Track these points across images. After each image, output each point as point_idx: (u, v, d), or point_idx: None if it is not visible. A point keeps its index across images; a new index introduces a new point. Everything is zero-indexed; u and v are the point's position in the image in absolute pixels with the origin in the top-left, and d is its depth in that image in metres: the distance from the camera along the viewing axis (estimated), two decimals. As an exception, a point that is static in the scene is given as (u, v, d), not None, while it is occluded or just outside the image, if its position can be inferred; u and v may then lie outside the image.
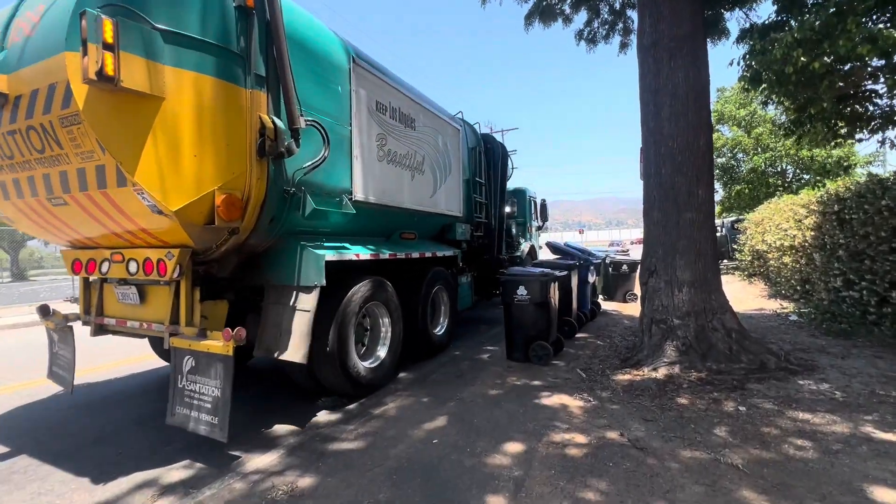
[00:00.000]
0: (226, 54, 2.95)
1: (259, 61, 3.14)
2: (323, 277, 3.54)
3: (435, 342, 5.58)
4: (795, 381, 4.02)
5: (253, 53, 3.09)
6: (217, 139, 2.90)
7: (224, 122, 2.93)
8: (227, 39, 2.95)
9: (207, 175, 2.86)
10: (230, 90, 2.96)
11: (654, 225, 4.85)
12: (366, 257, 4.22)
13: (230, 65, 2.97)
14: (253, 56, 3.09)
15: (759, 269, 11.41)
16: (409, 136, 5.18)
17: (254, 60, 3.10)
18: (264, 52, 3.19)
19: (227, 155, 2.96)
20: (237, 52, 3.01)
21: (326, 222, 4.01)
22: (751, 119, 17.04)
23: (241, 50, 3.05)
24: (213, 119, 2.87)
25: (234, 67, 2.99)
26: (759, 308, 8.08)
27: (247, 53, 3.07)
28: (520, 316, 5.20)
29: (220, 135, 2.91)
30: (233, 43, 2.99)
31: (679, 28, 4.45)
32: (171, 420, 3.10)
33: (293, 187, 3.48)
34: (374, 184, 4.52)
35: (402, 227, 5.26)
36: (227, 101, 2.95)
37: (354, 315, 4.00)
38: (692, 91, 4.50)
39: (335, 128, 3.95)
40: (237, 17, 3.02)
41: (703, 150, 4.61)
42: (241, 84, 3.03)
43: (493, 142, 8.09)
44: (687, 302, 4.60)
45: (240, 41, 3.04)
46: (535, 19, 7.07)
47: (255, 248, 3.59)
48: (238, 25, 3.03)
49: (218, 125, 2.90)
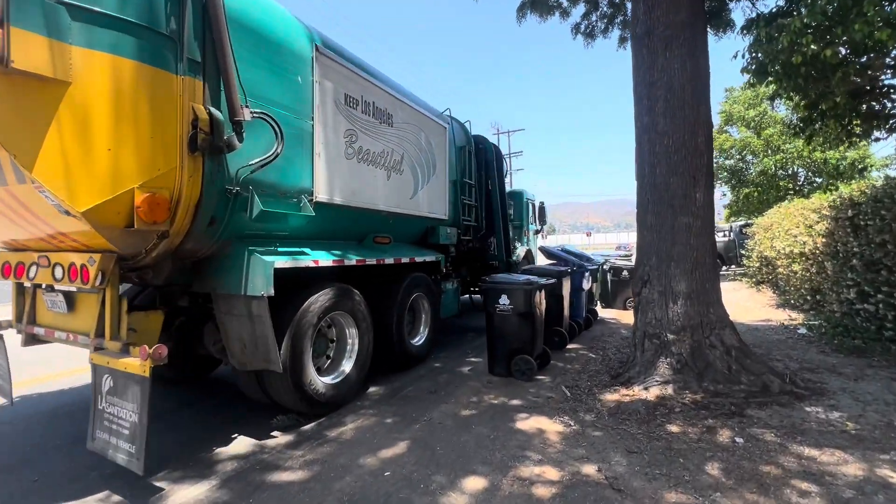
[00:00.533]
0: (152, 36, 2.62)
1: (194, 45, 2.81)
2: (271, 286, 3.20)
3: (412, 353, 5.21)
4: (802, 408, 3.59)
5: (186, 36, 2.76)
6: (138, 131, 2.57)
7: (148, 112, 2.60)
8: (153, 19, 2.62)
9: (125, 171, 2.53)
10: (156, 76, 2.63)
11: (647, 230, 4.45)
12: (327, 263, 3.87)
13: (157, 48, 2.64)
14: (186, 39, 2.76)
15: (767, 276, 10.89)
16: (385, 133, 4.83)
17: (187, 44, 2.76)
18: (201, 35, 2.85)
19: (152, 149, 2.63)
20: (166, 33, 2.68)
21: (282, 225, 3.67)
22: (760, 120, 16.45)
23: (172, 32, 2.71)
24: (133, 108, 2.54)
25: (162, 51, 2.66)
26: (765, 319, 7.60)
27: (179, 36, 2.74)
28: (502, 327, 4.82)
29: (143, 126, 2.58)
30: (161, 24, 2.66)
31: (676, 14, 4.05)
32: (92, 445, 2.77)
33: (237, 186, 3.14)
34: (341, 183, 4.17)
35: (376, 230, 4.90)
36: (153, 88, 2.62)
37: (312, 327, 3.65)
38: (689, 83, 4.10)
39: (293, 122, 3.61)
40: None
41: (702, 149, 4.20)
42: (170, 70, 2.70)
43: (486, 142, 7.72)
44: (682, 315, 4.19)
45: (170, 22, 2.71)
46: (528, 11, 6.68)
47: (196, 253, 3.26)
48: (168, 5, 2.70)
49: (140, 115, 2.57)
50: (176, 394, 4.56)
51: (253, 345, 3.30)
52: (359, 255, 4.39)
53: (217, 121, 2.82)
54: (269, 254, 3.38)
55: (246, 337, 3.33)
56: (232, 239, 3.37)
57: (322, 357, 4.13)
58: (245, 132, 3.04)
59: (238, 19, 3.11)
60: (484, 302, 4.94)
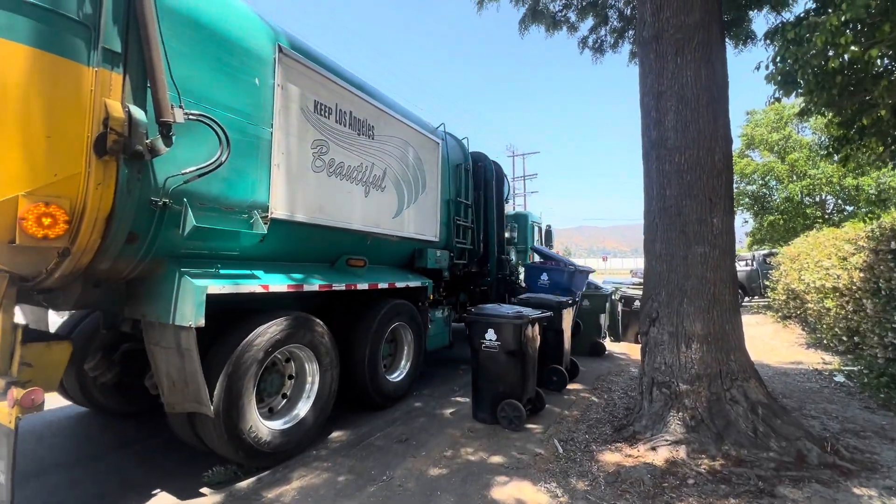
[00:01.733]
0: (56, 19, 2.23)
1: (113, 34, 2.41)
2: (201, 315, 2.72)
3: (388, 391, 4.63)
4: (848, 488, 2.88)
5: (105, 23, 2.37)
6: (29, 129, 2.15)
7: (43, 107, 2.19)
8: (58, 1, 2.24)
9: (8, 177, 2.11)
10: (58, 66, 2.23)
11: (656, 260, 3.85)
12: (280, 288, 3.38)
13: (62, 34, 2.25)
14: (104, 27, 2.37)
15: (795, 311, 10.00)
16: (363, 146, 4.39)
17: (105, 32, 2.37)
18: (124, 23, 2.46)
19: (47, 150, 2.21)
20: (78, 18, 2.30)
21: (229, 244, 3.20)
22: (785, 144, 15.67)
23: (86, 17, 2.33)
24: (23, 102, 2.14)
25: (69, 38, 2.27)
26: (795, 361, 6.79)
27: (95, 22, 2.35)
28: (488, 366, 4.23)
29: (36, 123, 2.17)
30: (69, 7, 2.27)
31: (687, 16, 3.56)
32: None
33: (166, 198, 2.70)
34: (306, 198, 3.72)
35: (350, 252, 4.42)
36: (53, 79, 2.22)
37: (256, 363, 3.14)
38: (704, 92, 3.57)
39: (246, 128, 3.20)
40: (80, -27, 2.31)
41: (720, 168, 3.63)
42: (79, 60, 2.30)
43: (485, 160, 7.26)
44: (697, 362, 3.54)
45: (83, 6, 2.32)
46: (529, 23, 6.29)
47: (118, 274, 2.81)
48: (82, -15, 2.32)
49: (32, 110, 2.16)
50: (120, 429, 4.08)
51: (182, 382, 2.81)
52: (325, 279, 3.89)
53: (136, 121, 2.40)
54: (205, 276, 2.92)
55: (174, 373, 2.84)
56: (165, 258, 2.92)
57: (276, 396, 3.61)
58: (178, 136, 2.62)
59: (177, 10, 2.73)
60: (469, 336, 4.37)
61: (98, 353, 3.57)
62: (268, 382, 3.51)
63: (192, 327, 2.70)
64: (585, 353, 7.31)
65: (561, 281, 6.62)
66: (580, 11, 7.09)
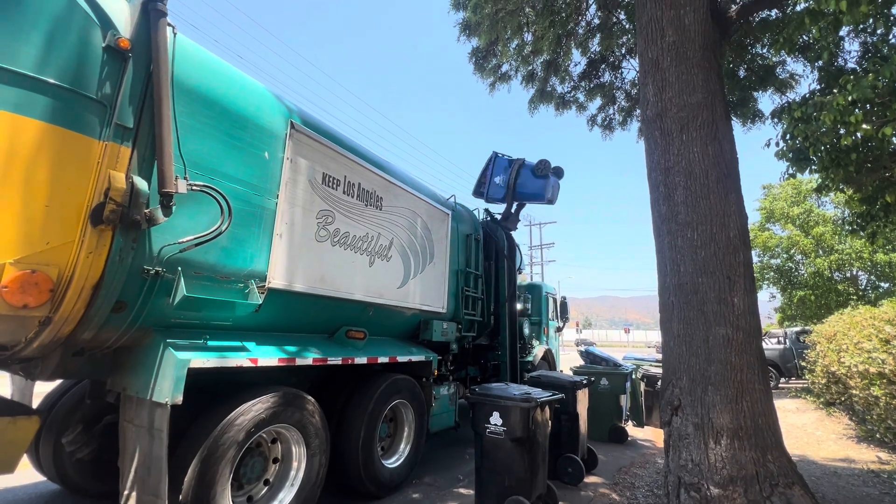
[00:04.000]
0: (72, 98, 2.35)
1: (127, 111, 2.53)
2: (180, 392, 2.57)
3: (383, 479, 4.21)
4: None
5: (121, 102, 2.50)
6: (30, 198, 2.19)
7: (47, 178, 2.24)
8: (79, 82, 2.38)
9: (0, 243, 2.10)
10: (68, 139, 2.32)
11: (674, 340, 3.57)
12: (269, 363, 3.21)
13: (77, 110, 2.37)
14: (120, 105, 2.50)
15: (838, 396, 9.11)
16: (370, 216, 4.42)
17: (119, 110, 2.50)
18: (139, 102, 2.60)
19: (44, 219, 2.22)
20: (94, 97, 2.43)
21: (223, 314, 3.11)
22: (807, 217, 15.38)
23: (104, 97, 2.46)
24: (27, 172, 2.19)
25: (82, 114, 2.38)
26: (845, 458, 6.02)
27: (112, 101, 2.49)
28: (493, 455, 3.83)
29: (38, 193, 2.21)
30: (89, 87, 2.41)
31: (690, 96, 3.61)
32: None
33: (160, 266, 2.67)
34: (307, 268, 3.67)
35: (351, 323, 4.27)
36: (63, 152, 2.30)
37: (235, 446, 2.89)
38: (713, 169, 3.50)
39: (251, 198, 3.24)
40: (105, 59, 2.48)
41: (736, 244, 3.45)
42: (91, 134, 2.40)
43: (497, 230, 7.24)
44: (729, 461, 3.12)
45: (103, 87, 2.47)
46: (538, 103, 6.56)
47: (102, 344, 2.71)
48: (105, 69, 2.48)
49: (35, 180, 2.21)
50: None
51: (145, 469, 2.57)
52: (320, 352, 3.72)
53: (138, 191, 2.44)
54: (191, 349, 2.80)
55: (140, 457, 2.62)
56: (153, 328, 2.83)
57: (258, 483, 3.29)
58: (180, 206, 2.66)
59: (194, 89, 2.89)
60: (472, 419, 4.02)
61: (79, 426, 3.38)
62: (249, 466, 3.22)
63: (167, 404, 2.53)
64: (605, 438, 6.69)
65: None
66: (588, 93, 7.42)
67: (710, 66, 3.63)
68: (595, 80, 7.39)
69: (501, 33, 6.09)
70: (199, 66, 2.99)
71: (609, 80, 7.40)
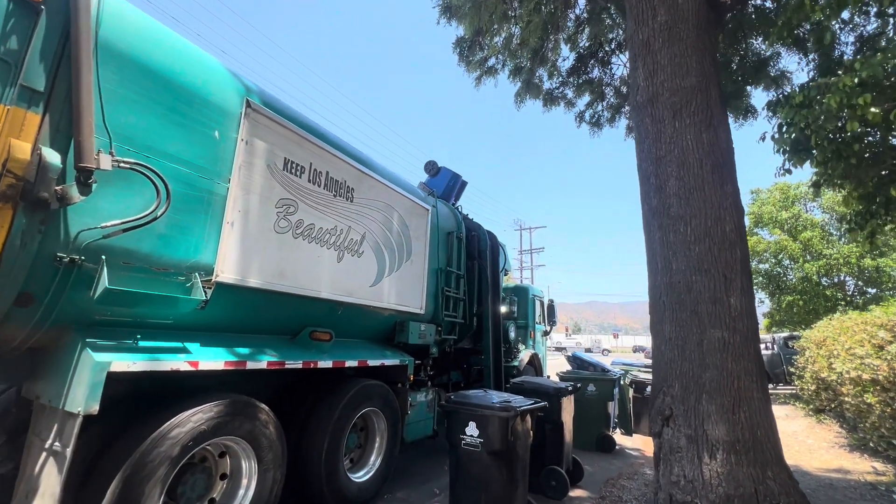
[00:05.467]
0: (-34, 52, 1.99)
1: (37, 72, 2.18)
2: (96, 399, 2.20)
3: (349, 495, 3.84)
4: None
5: (29, 61, 2.15)
6: None
7: (-74, 144, 1.87)
8: (-24, 34, 2.02)
9: None
10: (-42, 100, 1.96)
11: (665, 344, 3.28)
12: (214, 367, 2.84)
13: (-30, 67, 2.00)
14: (28, 64, 2.14)
15: (828, 403, 8.94)
16: (340, 208, 4.07)
17: (27, 69, 2.14)
18: (53, 61, 2.24)
19: (-80, 193, 1.85)
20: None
21: (161, 310, 2.75)
22: (795, 222, 15.34)
23: (7, 52, 2.10)
24: None
25: (-22, 72, 2.02)
26: (839, 469, 5.79)
27: (18, 59, 2.13)
28: (468, 469, 3.50)
29: (-89, 161, 1.83)
30: (-12, 41, 2.05)
31: (683, 79, 3.35)
32: None
33: (76, 254, 2.30)
34: (264, 262, 3.31)
35: (316, 323, 3.91)
36: (-51, 115, 1.93)
37: (168, 463, 2.51)
38: (708, 158, 3.23)
39: (197, 181, 2.88)
40: (10, 9, 2.13)
41: (732, 240, 3.18)
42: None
43: (479, 229, 6.93)
44: (725, 477, 2.82)
45: (6, 41, 2.11)
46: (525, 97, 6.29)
47: (5, 344, 2.33)
48: (12, 21, 2.13)
49: None
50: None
51: (34, 493, 2.19)
52: (278, 355, 3.36)
53: (47, 165, 2.08)
54: (116, 349, 2.43)
55: (34, 481, 2.23)
56: (72, 326, 2.45)
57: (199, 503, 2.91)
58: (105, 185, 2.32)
59: (125, 54, 2.54)
60: (447, 429, 3.69)
61: (2, 437, 2.98)
62: (189, 485, 2.83)
63: (80, 414, 2.16)
64: (592, 447, 6.39)
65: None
66: (577, 89, 7.18)
67: (704, 47, 3.38)
68: (584, 76, 7.15)
69: (486, 21, 5.82)
70: (134, 29, 2.64)
71: (598, 76, 7.17)
